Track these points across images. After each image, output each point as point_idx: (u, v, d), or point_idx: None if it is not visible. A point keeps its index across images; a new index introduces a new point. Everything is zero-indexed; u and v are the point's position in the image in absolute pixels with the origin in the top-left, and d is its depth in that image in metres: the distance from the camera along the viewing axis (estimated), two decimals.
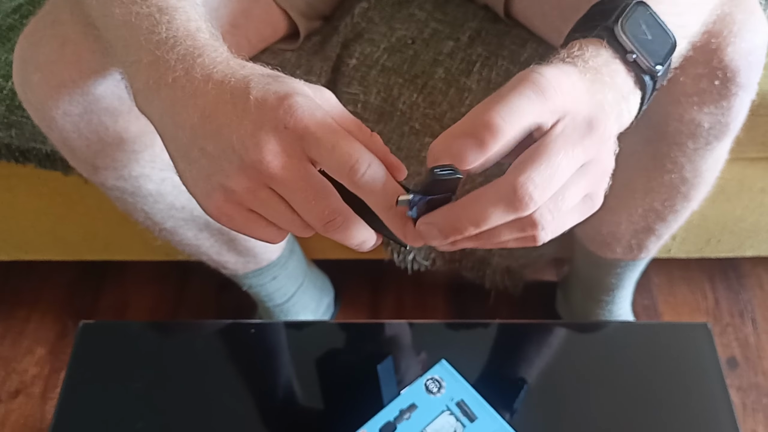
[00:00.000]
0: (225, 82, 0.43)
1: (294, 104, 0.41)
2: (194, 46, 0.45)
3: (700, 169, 0.76)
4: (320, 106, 0.42)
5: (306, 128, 0.41)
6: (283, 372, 0.71)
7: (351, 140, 0.41)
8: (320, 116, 0.41)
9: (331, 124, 0.42)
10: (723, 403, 0.69)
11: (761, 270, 1.27)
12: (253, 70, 0.44)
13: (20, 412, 1.12)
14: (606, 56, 0.45)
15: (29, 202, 1.05)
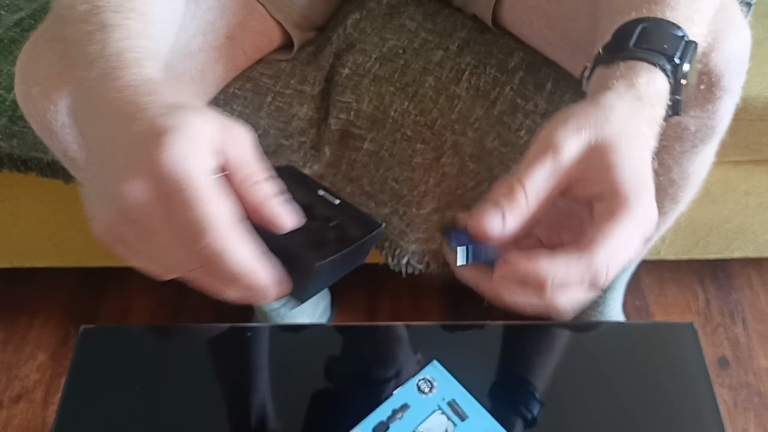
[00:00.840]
0: (122, 110, 0.42)
1: (162, 145, 0.39)
2: (118, 66, 0.45)
3: (687, 171, 0.78)
4: (196, 151, 0.40)
5: (167, 175, 0.39)
6: (279, 374, 0.73)
7: (205, 204, 0.39)
8: (180, 167, 0.39)
9: (195, 176, 0.39)
10: (709, 401, 0.70)
11: (751, 270, 1.29)
12: (158, 98, 0.43)
13: (22, 417, 1.14)
14: (663, 91, 0.48)
15: (31, 210, 1.07)
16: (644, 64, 0.48)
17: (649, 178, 0.45)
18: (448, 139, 0.85)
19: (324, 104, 0.86)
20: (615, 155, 0.43)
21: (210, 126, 0.42)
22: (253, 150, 0.44)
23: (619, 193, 0.42)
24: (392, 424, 0.64)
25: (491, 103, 0.83)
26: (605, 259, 0.41)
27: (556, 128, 0.44)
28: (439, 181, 0.90)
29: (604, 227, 0.41)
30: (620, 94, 0.46)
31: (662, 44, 0.49)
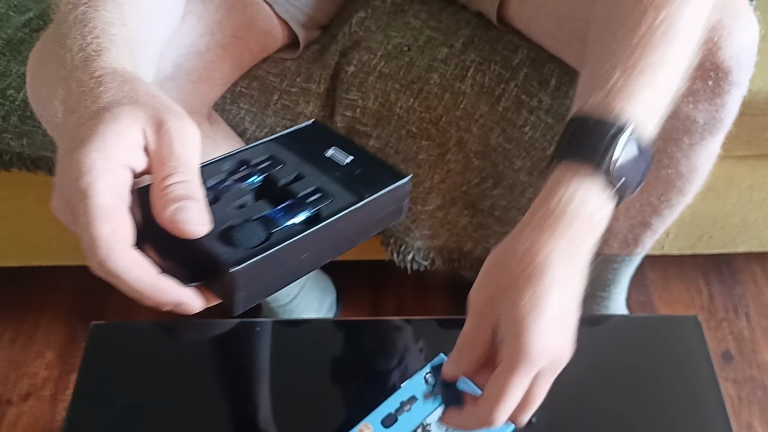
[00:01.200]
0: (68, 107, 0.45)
1: (75, 158, 0.40)
2: (79, 63, 0.46)
3: (695, 163, 0.78)
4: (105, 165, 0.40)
5: (73, 190, 0.40)
6: (288, 368, 0.74)
7: (100, 224, 0.40)
8: (89, 179, 0.40)
9: (96, 193, 0.40)
10: (713, 393, 0.71)
11: (755, 265, 1.30)
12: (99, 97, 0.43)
13: (31, 414, 1.15)
14: (594, 196, 0.50)
15: (39, 209, 1.07)
16: (565, 176, 0.50)
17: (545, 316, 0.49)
18: (453, 135, 0.86)
19: (330, 102, 0.87)
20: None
21: (135, 125, 0.42)
22: (182, 145, 0.43)
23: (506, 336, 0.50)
24: (400, 416, 0.65)
25: (496, 100, 0.84)
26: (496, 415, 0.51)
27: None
28: (444, 178, 0.91)
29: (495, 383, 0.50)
30: (534, 226, 0.50)
31: (586, 149, 0.50)
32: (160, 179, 0.42)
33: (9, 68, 0.88)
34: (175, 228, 0.42)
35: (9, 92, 0.87)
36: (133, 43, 0.50)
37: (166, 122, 0.42)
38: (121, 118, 0.42)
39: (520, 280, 0.48)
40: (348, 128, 0.87)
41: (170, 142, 0.42)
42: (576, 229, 0.49)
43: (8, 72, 0.88)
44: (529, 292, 0.48)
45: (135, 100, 0.43)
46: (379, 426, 0.64)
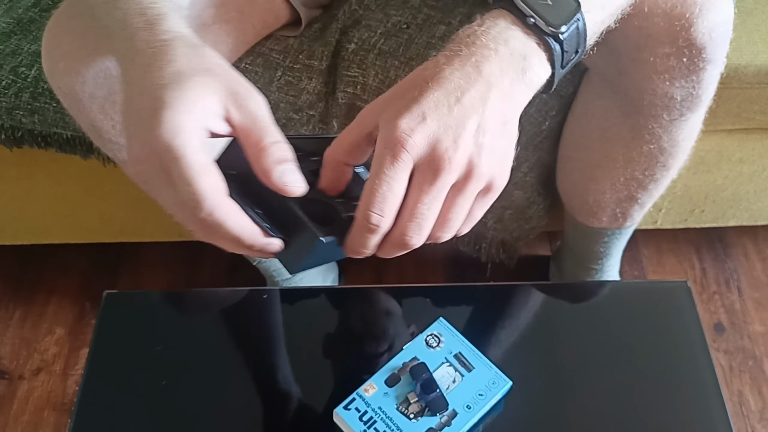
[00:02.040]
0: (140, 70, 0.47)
1: (156, 122, 0.43)
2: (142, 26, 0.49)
3: (676, 138, 0.81)
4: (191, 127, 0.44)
5: (163, 149, 0.43)
6: (295, 333, 0.76)
7: (203, 178, 0.43)
8: (178, 142, 0.43)
9: (186, 154, 0.43)
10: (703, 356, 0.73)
11: (746, 240, 1.33)
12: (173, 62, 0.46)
13: (43, 389, 1.18)
14: (503, 24, 0.49)
15: (48, 187, 1.10)
16: (492, 12, 0.51)
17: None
18: None
19: (331, 79, 0.89)
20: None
21: (214, 95, 0.46)
22: (262, 114, 0.47)
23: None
24: (403, 376, 0.68)
25: None
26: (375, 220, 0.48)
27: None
28: None
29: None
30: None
31: None
32: (255, 144, 0.46)
33: (20, 47, 0.91)
34: (281, 188, 0.47)
35: (21, 70, 0.89)
36: (180, 9, 0.54)
37: (241, 93, 0.47)
38: (201, 87, 0.45)
39: (419, 84, 0.48)
40: (349, 104, 0.89)
41: (252, 111, 0.47)
42: (490, 51, 0.48)
43: (19, 50, 0.90)
44: (420, 89, 0.47)
45: (209, 70, 0.47)
46: (383, 385, 0.67)
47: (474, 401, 0.66)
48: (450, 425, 0.65)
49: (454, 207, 0.49)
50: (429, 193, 0.47)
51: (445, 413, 0.65)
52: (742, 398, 1.13)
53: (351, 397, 0.66)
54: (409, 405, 0.66)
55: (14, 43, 0.91)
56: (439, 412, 0.65)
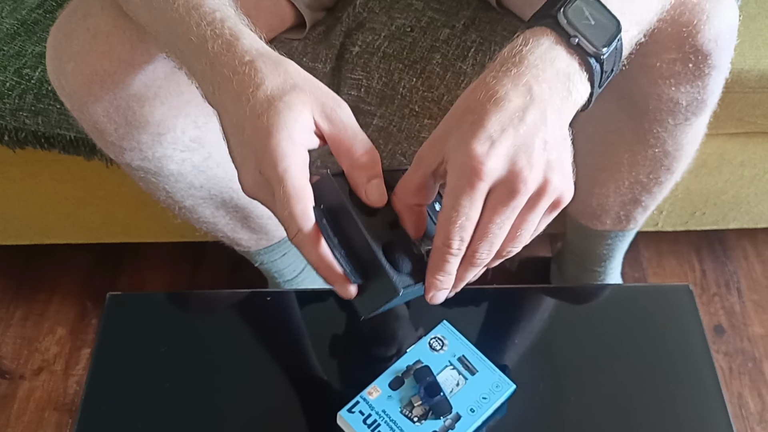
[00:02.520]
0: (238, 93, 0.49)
1: (263, 154, 0.47)
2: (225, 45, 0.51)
3: (680, 142, 0.81)
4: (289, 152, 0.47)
5: (270, 175, 0.47)
6: (298, 335, 0.77)
7: (297, 202, 0.47)
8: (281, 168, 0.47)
9: (290, 177, 0.47)
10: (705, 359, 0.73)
11: (746, 242, 1.33)
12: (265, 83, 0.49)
13: (44, 389, 1.18)
14: (547, 44, 0.50)
15: (51, 187, 1.10)
16: (524, 33, 0.51)
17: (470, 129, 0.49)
18: None
19: (335, 81, 0.89)
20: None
21: (306, 112, 0.49)
22: (351, 122, 0.50)
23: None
24: (407, 379, 0.68)
25: None
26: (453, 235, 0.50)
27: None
28: None
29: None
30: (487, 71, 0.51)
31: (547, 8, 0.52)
32: (347, 153, 0.50)
33: (24, 48, 0.91)
34: (368, 201, 0.51)
35: (25, 71, 0.89)
36: (243, 18, 0.54)
37: (328, 104, 0.50)
38: (293, 106, 0.48)
39: (476, 108, 0.48)
40: (353, 107, 0.88)
41: (341, 120, 0.50)
42: (538, 71, 0.49)
43: (24, 52, 0.90)
44: (479, 113, 0.48)
45: (295, 86, 0.49)
46: (387, 388, 0.68)
47: (478, 404, 0.67)
48: (453, 428, 0.65)
49: (526, 224, 0.50)
50: (503, 214, 0.48)
51: (449, 416, 0.66)
52: (742, 400, 1.14)
53: (355, 400, 0.67)
54: (413, 408, 0.66)
55: (18, 45, 0.91)
56: (442, 416, 0.66)
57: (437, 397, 0.66)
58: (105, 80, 0.68)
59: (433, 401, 0.66)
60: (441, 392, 0.67)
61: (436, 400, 0.66)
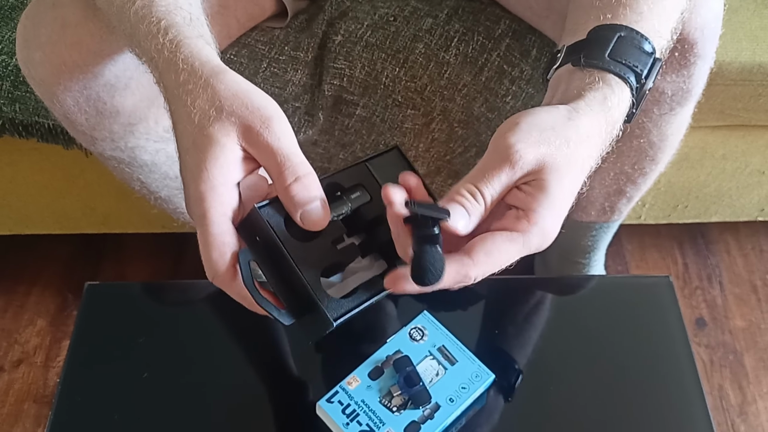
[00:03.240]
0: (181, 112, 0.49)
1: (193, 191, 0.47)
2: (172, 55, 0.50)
3: (665, 133, 0.81)
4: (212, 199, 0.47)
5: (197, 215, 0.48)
6: (277, 326, 0.76)
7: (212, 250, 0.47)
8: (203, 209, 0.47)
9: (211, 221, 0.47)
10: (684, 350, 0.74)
11: (728, 236, 1.34)
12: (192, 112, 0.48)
13: (23, 381, 1.17)
14: (627, 106, 0.51)
15: (30, 176, 1.09)
16: (619, 81, 0.51)
17: (569, 201, 0.49)
18: (438, 105, 0.88)
19: (318, 71, 0.89)
20: (553, 178, 0.48)
21: (231, 140, 0.47)
22: (281, 146, 0.47)
23: (532, 213, 0.48)
24: (386, 369, 0.68)
25: (479, 70, 0.86)
26: (475, 274, 0.48)
27: (517, 139, 0.47)
28: (428, 147, 0.93)
29: (490, 244, 0.47)
30: (593, 112, 0.50)
31: (634, 61, 0.51)
32: (278, 181, 0.48)
33: (1, 34, 0.89)
34: (305, 227, 0.49)
35: (1, 58, 0.88)
36: (195, 20, 0.53)
37: (254, 127, 0.47)
38: (215, 141, 0.47)
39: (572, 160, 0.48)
40: (336, 97, 0.89)
41: (267, 145, 0.47)
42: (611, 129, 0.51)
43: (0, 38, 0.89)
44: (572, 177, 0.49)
45: (221, 110, 0.47)
46: (366, 378, 0.67)
47: (457, 394, 0.67)
48: (433, 418, 0.65)
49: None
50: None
51: (428, 406, 0.66)
52: (723, 392, 1.15)
53: (334, 390, 0.66)
54: (392, 398, 0.66)
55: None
56: (421, 405, 0.65)
57: (416, 387, 0.66)
58: (74, 71, 0.67)
59: (412, 391, 0.66)
60: (420, 382, 0.67)
61: (415, 389, 0.66)
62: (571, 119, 0.49)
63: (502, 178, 0.47)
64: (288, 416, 0.70)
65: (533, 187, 0.48)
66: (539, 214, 0.47)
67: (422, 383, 0.67)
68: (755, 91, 0.94)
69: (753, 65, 0.91)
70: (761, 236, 1.34)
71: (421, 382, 0.67)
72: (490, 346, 0.73)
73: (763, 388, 1.15)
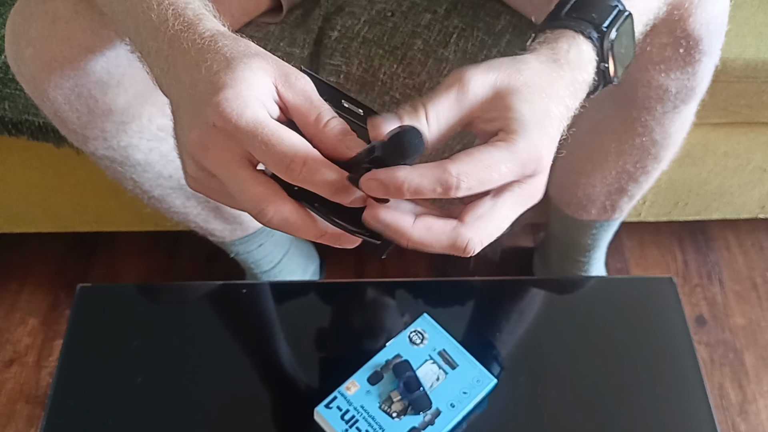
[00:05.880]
0: (191, 67, 0.45)
1: (220, 102, 0.42)
2: (183, 28, 0.47)
3: (669, 131, 0.80)
4: (252, 101, 0.42)
5: (235, 127, 0.42)
6: (275, 328, 0.75)
7: (283, 139, 0.42)
8: (249, 115, 0.42)
9: (262, 122, 0.42)
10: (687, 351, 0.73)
11: (728, 233, 1.33)
12: (219, 52, 0.45)
13: (15, 381, 1.15)
14: (588, 57, 0.49)
15: (21, 174, 1.07)
16: (568, 32, 0.49)
17: (548, 123, 0.46)
18: None
19: (314, 67, 0.87)
20: (515, 98, 0.45)
21: (267, 76, 0.44)
22: (315, 93, 0.45)
23: (509, 127, 0.44)
24: (386, 374, 0.67)
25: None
26: (456, 172, 0.41)
27: (467, 68, 0.46)
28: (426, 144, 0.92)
29: (473, 150, 0.43)
30: (539, 55, 0.48)
31: (591, 13, 0.50)
32: (313, 122, 0.44)
33: None
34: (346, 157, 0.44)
35: None
36: (208, 5, 0.51)
37: (291, 74, 0.45)
38: (255, 69, 0.44)
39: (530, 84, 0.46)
40: None
41: (304, 90, 0.45)
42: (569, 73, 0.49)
43: None
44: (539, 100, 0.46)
45: (257, 54, 0.45)
46: (365, 383, 0.66)
47: (458, 399, 0.65)
48: (433, 424, 0.64)
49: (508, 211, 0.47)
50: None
51: (429, 412, 0.64)
52: (723, 391, 1.14)
53: (332, 395, 0.65)
54: (392, 403, 0.65)
55: None
56: (422, 411, 0.64)
57: (417, 392, 0.65)
58: (65, 67, 0.65)
59: (413, 396, 0.65)
60: (421, 387, 0.65)
61: (416, 395, 0.65)
62: (515, 58, 0.48)
63: (449, 99, 0.45)
64: (285, 422, 0.68)
65: (498, 110, 0.45)
66: (514, 123, 0.44)
67: (422, 388, 0.65)
68: (759, 88, 0.93)
69: (757, 62, 0.90)
70: (761, 233, 1.33)
71: (422, 387, 0.65)
72: (492, 349, 0.72)
73: (764, 387, 1.14)
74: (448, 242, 0.44)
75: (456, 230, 0.44)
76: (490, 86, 0.45)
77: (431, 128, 0.44)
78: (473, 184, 0.42)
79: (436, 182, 0.41)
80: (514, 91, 0.45)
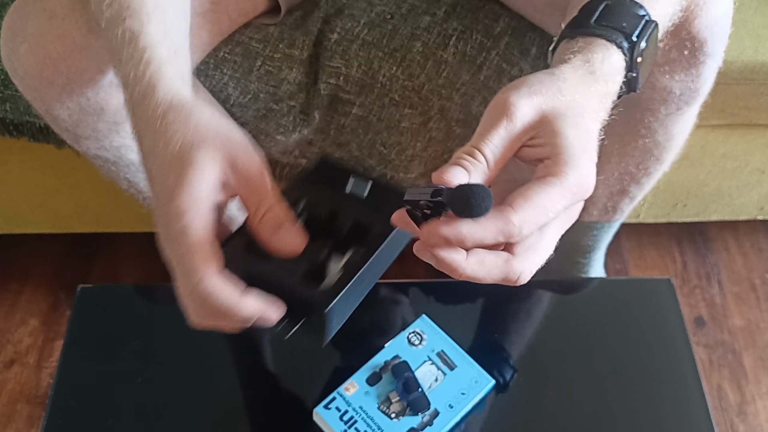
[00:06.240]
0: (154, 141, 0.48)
1: (173, 209, 0.46)
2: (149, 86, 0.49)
3: (671, 132, 0.80)
4: (198, 206, 0.45)
5: (176, 233, 0.46)
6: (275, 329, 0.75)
7: (195, 251, 0.46)
8: (186, 221, 0.45)
9: (193, 229, 0.45)
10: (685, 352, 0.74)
11: (727, 234, 1.33)
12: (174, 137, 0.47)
13: (16, 381, 1.16)
14: (618, 68, 0.50)
15: (21, 175, 1.07)
16: (601, 41, 0.50)
17: (592, 146, 0.47)
18: (435, 103, 0.87)
19: (313, 69, 0.87)
20: (562, 123, 0.46)
21: (214, 169, 0.47)
22: (258, 177, 0.48)
23: (559, 157, 0.45)
24: (385, 375, 0.67)
25: (477, 68, 0.85)
26: (519, 222, 0.43)
27: (510, 94, 0.46)
28: (426, 146, 0.92)
29: (528, 191, 0.44)
30: (575, 68, 0.49)
31: (622, 22, 0.50)
32: (253, 213, 0.48)
33: None
34: (278, 253, 0.49)
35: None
36: (179, 54, 0.52)
37: (238, 158, 0.48)
38: (200, 163, 0.46)
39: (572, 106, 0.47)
40: (332, 96, 0.87)
41: (248, 177, 0.48)
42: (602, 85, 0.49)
43: None
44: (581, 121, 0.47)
45: (205, 139, 0.47)
46: (364, 384, 0.67)
47: (456, 400, 0.66)
48: (432, 425, 0.64)
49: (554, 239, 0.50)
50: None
51: (427, 413, 0.65)
52: (721, 392, 1.14)
53: (331, 396, 0.66)
54: (391, 404, 0.65)
55: None
56: (420, 412, 0.64)
57: (415, 393, 0.65)
58: (58, 64, 0.66)
59: (411, 397, 0.65)
60: (419, 388, 0.66)
61: (414, 396, 0.65)
62: (553, 74, 0.48)
63: (501, 133, 0.45)
64: (284, 423, 0.69)
65: (545, 137, 0.46)
66: (564, 153, 0.45)
67: (421, 389, 0.66)
68: (757, 90, 0.93)
69: (755, 64, 0.90)
70: (760, 234, 1.33)
71: (420, 387, 0.66)
72: (490, 350, 0.72)
73: (762, 388, 1.14)
74: (501, 276, 0.45)
75: (508, 263, 0.45)
76: (536, 111, 0.46)
77: (490, 171, 0.46)
78: (533, 228, 0.44)
79: (498, 233, 0.43)
80: (560, 116, 0.46)
